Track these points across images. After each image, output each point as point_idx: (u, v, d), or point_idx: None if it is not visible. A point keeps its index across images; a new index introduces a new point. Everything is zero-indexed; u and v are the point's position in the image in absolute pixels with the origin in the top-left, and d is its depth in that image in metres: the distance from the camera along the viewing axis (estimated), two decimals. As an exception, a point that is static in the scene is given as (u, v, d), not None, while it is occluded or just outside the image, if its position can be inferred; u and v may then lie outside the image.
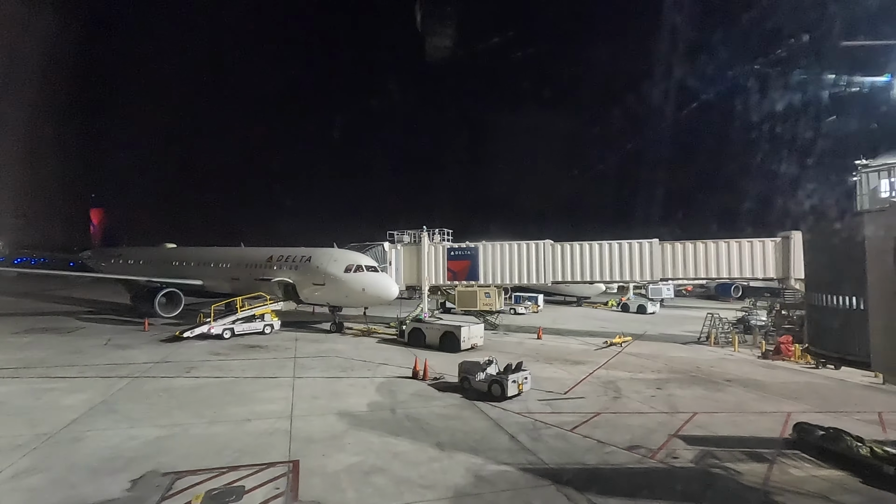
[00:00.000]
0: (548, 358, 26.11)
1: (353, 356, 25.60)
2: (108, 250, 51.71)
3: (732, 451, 13.92)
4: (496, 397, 18.13)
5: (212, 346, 27.19)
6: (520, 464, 12.71)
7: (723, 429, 15.66)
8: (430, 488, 11.30)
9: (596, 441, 14.41)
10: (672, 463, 13.00)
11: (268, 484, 11.21)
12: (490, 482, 11.69)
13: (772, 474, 12.43)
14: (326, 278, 31.88)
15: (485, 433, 14.89)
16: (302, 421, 15.58)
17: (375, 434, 14.54)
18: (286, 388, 19.21)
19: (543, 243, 33.52)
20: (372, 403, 17.59)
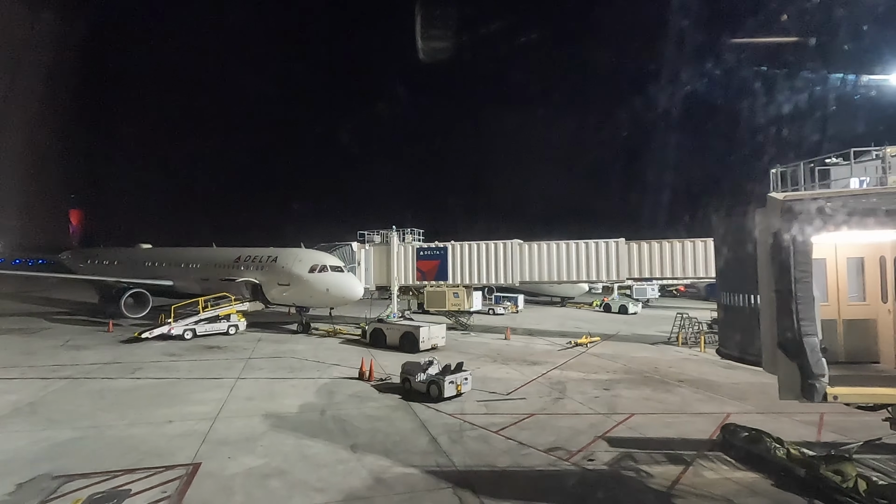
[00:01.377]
0: (506, 358, 25.83)
1: (308, 357, 25.37)
2: (85, 251, 51.64)
3: (654, 452, 13.63)
4: (434, 398, 17.87)
5: (169, 347, 27.00)
6: (427, 466, 12.44)
7: (654, 430, 15.36)
8: (322, 491, 11.04)
9: (517, 443, 14.13)
10: (585, 465, 12.71)
11: (156, 488, 10.97)
12: (388, 485, 11.43)
13: (683, 477, 12.12)
14: (291, 279, 31.71)
15: (406, 435, 14.62)
16: (224, 423, 15.35)
17: (293, 436, 14.30)
18: (225, 390, 18.98)
19: (512, 243, 33.28)
20: (305, 405, 17.35)
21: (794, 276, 8.43)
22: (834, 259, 11.51)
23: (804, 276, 8.45)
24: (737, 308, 10.56)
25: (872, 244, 11.21)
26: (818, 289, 10.99)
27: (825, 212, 8.29)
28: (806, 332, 8.41)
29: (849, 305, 11.55)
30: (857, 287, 11.50)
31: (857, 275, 11.44)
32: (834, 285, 11.52)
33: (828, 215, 8.31)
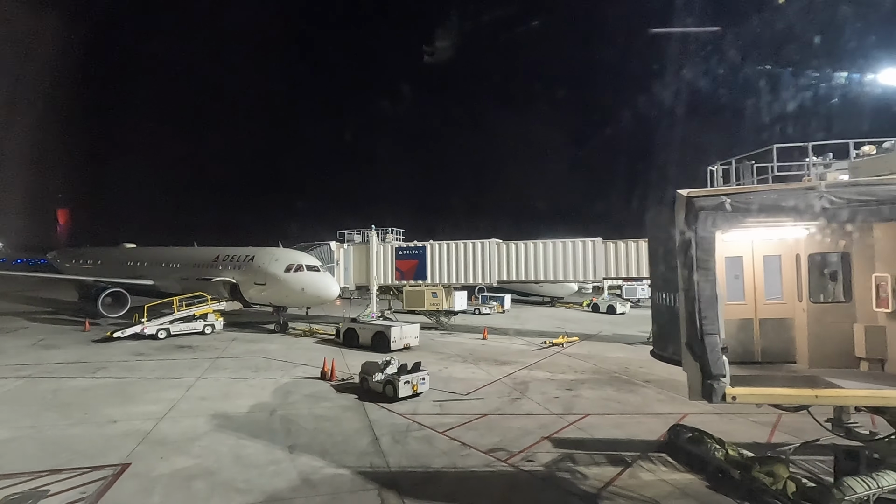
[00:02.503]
0: (477, 358, 25.66)
1: (277, 357, 25.25)
2: (71, 250, 51.75)
3: (597, 454, 13.45)
4: (389, 398, 17.71)
5: (139, 347, 26.94)
6: (360, 467, 12.29)
7: (604, 431, 15.16)
8: (244, 493, 10.91)
9: (460, 444, 13.96)
10: (521, 466, 12.53)
11: (77, 489, 10.86)
12: (314, 486, 11.28)
13: (618, 478, 11.93)
14: (267, 278, 31.62)
15: (349, 436, 14.47)
16: (170, 422, 15.23)
17: (234, 436, 14.17)
18: (181, 389, 18.87)
19: (490, 242, 33.09)
20: (257, 405, 17.22)
21: (697, 274, 8.24)
22: (751, 257, 11.29)
23: (707, 273, 8.25)
24: (663, 308, 10.36)
25: (789, 242, 10.99)
26: (736, 287, 10.83)
27: (726, 208, 8.09)
28: (707, 331, 8.21)
29: (765, 304, 11.32)
30: (774, 286, 11.29)
31: (774, 273, 11.22)
32: (751, 284, 11.30)
33: (729, 212, 8.11)
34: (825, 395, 8.47)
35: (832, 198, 7.80)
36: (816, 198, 7.83)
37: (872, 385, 8.69)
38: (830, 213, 7.90)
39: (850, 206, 7.82)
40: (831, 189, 7.93)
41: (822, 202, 7.80)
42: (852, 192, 7.90)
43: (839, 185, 8.16)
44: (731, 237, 10.81)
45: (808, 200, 7.88)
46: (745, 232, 10.51)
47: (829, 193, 7.83)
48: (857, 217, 8.00)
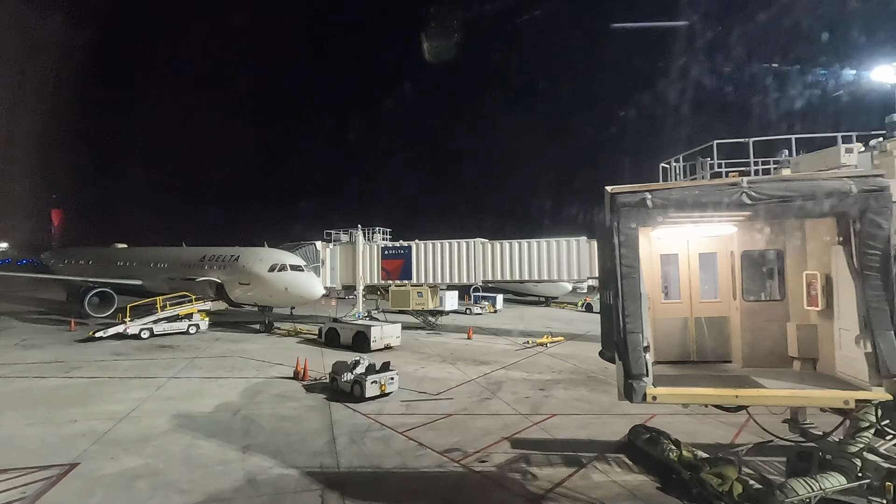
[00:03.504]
0: (457, 358, 25.51)
1: (256, 356, 25.20)
2: (63, 251, 52.01)
3: (554, 454, 13.30)
4: (357, 398, 17.61)
5: (120, 347, 26.96)
6: (310, 468, 12.18)
7: (568, 432, 14.99)
8: (186, 493, 10.83)
9: (417, 444, 13.83)
10: (473, 467, 12.39)
11: (17, 489, 10.80)
12: (257, 486, 11.19)
13: (569, 479, 11.77)
14: (252, 278, 31.61)
15: (307, 436, 14.37)
16: (130, 422, 15.19)
17: (190, 436, 14.10)
18: (151, 389, 18.83)
19: (475, 242, 32.93)
20: (222, 405, 17.15)
21: (620, 272, 8.08)
22: (686, 255, 11.11)
23: (630, 271, 8.10)
24: (606, 307, 10.22)
25: (723, 239, 10.80)
26: (672, 285, 10.65)
27: (647, 204, 7.93)
28: (629, 329, 8.06)
29: (701, 303, 11.13)
30: (710, 284, 11.10)
31: (709, 271, 11.03)
32: (687, 282, 11.12)
33: (650, 208, 7.95)
34: (745, 395, 8.29)
35: (753, 193, 7.63)
36: (737, 193, 7.66)
37: (798, 385, 8.50)
38: (752, 209, 7.73)
39: (772, 202, 7.66)
40: (753, 185, 7.76)
41: (743, 198, 7.63)
42: (773, 187, 7.73)
43: (761, 181, 7.98)
44: (666, 234, 10.65)
45: (729, 196, 7.71)
46: (680, 229, 10.33)
47: (751, 189, 7.66)
48: (779, 213, 7.83)
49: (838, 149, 8.64)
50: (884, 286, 7.62)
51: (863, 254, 7.69)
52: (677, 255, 11.13)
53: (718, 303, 11.02)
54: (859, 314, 7.85)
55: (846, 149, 8.56)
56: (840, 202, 7.58)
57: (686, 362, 11.02)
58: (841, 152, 8.54)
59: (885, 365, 7.59)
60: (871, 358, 7.69)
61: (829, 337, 9.13)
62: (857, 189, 7.52)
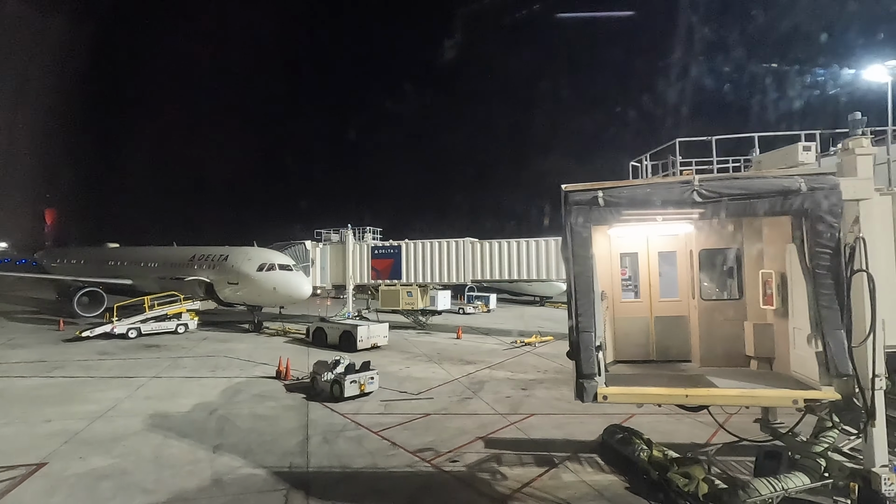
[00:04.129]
0: (444, 358, 25.45)
1: (241, 356, 25.14)
2: (57, 250, 52.01)
3: (527, 454, 13.23)
4: (336, 398, 17.55)
5: (107, 346, 26.90)
6: (278, 467, 12.13)
7: (544, 431, 14.92)
8: (150, 493, 10.78)
9: (390, 444, 13.76)
10: (443, 467, 12.33)
11: (-20, 488, 10.73)
12: (223, 486, 11.14)
13: (538, 480, 11.70)
14: (240, 277, 31.57)
15: (281, 435, 14.30)
16: (105, 422, 15.13)
17: (162, 436, 14.05)
18: (131, 389, 18.78)
19: (464, 241, 32.88)
20: (200, 404, 17.08)
21: (573, 270, 8.02)
22: (646, 254, 11.03)
23: (583, 269, 8.04)
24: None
25: (682, 237, 10.72)
26: (633, 284, 10.58)
27: (598, 202, 7.87)
28: (582, 328, 8.00)
29: (660, 302, 11.06)
30: (670, 283, 11.03)
31: (669, 270, 10.96)
32: (646, 281, 11.04)
33: (602, 206, 7.89)
34: (695, 395, 8.23)
35: (704, 191, 7.56)
36: (688, 192, 7.59)
37: (751, 384, 8.43)
38: (703, 207, 7.66)
39: (722, 200, 7.58)
40: (704, 183, 7.69)
41: (693, 196, 7.56)
42: (724, 186, 7.67)
43: (712, 179, 7.91)
44: (625, 233, 10.59)
45: (680, 194, 7.64)
46: (640, 228, 10.26)
47: (701, 187, 7.59)
48: (730, 211, 7.76)
49: (796, 147, 8.56)
50: (834, 285, 7.55)
51: (814, 252, 7.62)
52: (637, 254, 11.06)
53: (678, 302, 10.94)
54: (810, 313, 7.78)
55: (804, 147, 8.48)
56: (790, 200, 7.50)
57: (646, 362, 10.95)
58: (799, 150, 8.47)
59: (834, 364, 7.52)
60: (822, 357, 7.62)
61: (784, 336, 9.06)
62: (808, 187, 7.44)
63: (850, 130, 8.89)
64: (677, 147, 9.80)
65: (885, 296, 8.79)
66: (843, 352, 7.54)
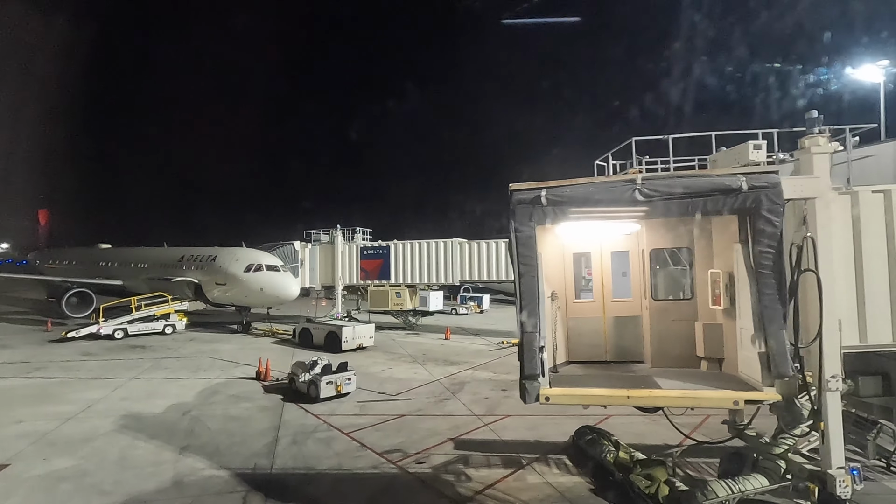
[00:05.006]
0: (428, 359, 25.35)
1: (225, 357, 25.08)
2: (49, 251, 52.09)
3: (496, 455, 13.13)
4: (312, 398, 17.47)
5: (91, 347, 26.87)
6: (242, 469, 12.05)
7: (517, 433, 14.80)
8: (108, 494, 10.71)
9: (359, 445, 13.68)
10: (408, 468, 12.23)
11: (-63, 489, 10.67)
12: (182, 488, 11.07)
13: (503, 481, 11.60)
14: (228, 278, 31.53)
15: (251, 436, 14.23)
16: (75, 423, 15.08)
17: (131, 437, 13.99)
18: (108, 390, 18.72)
19: (452, 242, 32.81)
20: (175, 405, 17.01)
21: (518, 270, 7.93)
22: (599, 253, 10.92)
23: (528, 269, 7.95)
24: None
25: (635, 237, 10.61)
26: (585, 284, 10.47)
27: (542, 202, 7.77)
28: (526, 329, 7.91)
29: (613, 302, 10.94)
30: (623, 283, 10.91)
31: (622, 270, 10.85)
32: (599, 281, 10.93)
33: (545, 205, 7.79)
34: (636, 396, 8.12)
35: (646, 190, 7.46)
36: (630, 191, 7.49)
37: (696, 385, 8.32)
38: (646, 206, 7.56)
39: (664, 199, 7.48)
40: (646, 182, 7.58)
41: (635, 195, 7.46)
42: (665, 184, 7.56)
43: (654, 178, 7.80)
44: (579, 233, 10.49)
45: (622, 193, 7.54)
46: (592, 227, 10.15)
47: (644, 186, 7.48)
48: (673, 210, 7.66)
49: (747, 145, 8.45)
50: (777, 285, 7.44)
51: (757, 252, 7.51)
52: (590, 254, 10.95)
53: (631, 302, 10.83)
54: (754, 313, 7.67)
55: (754, 145, 8.37)
56: (732, 199, 7.39)
57: (600, 363, 10.84)
58: (749, 149, 8.36)
59: (775, 365, 7.41)
60: (764, 358, 7.51)
61: (733, 337, 8.95)
62: (748, 186, 7.33)
63: (807, 129, 8.78)
64: (633, 146, 9.69)
65: (842, 296, 8.69)
66: (784, 353, 7.43)
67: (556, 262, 10.65)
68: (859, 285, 8.89)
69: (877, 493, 11.13)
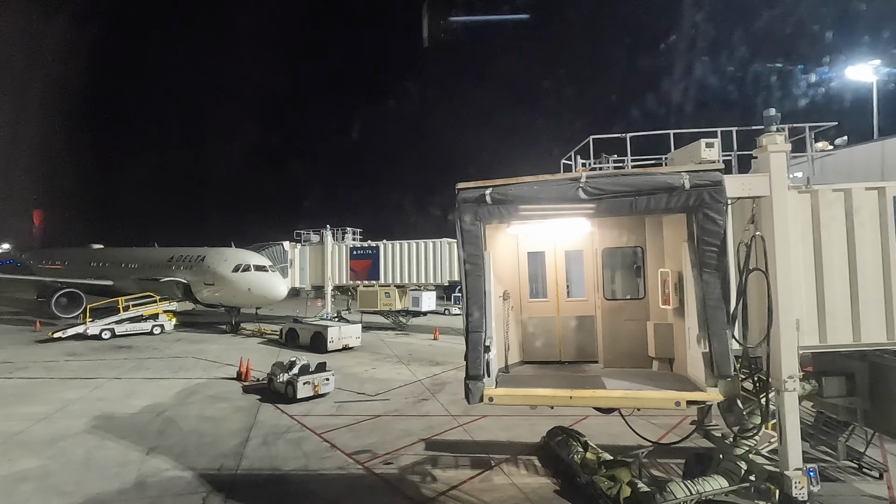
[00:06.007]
0: (413, 359, 25.27)
1: (210, 357, 25.02)
2: (42, 251, 52.17)
3: (465, 456, 13.05)
4: (289, 399, 17.40)
5: (77, 348, 26.84)
6: (207, 469, 11.97)
7: (491, 433, 14.70)
8: (67, 495, 10.65)
9: (329, 445, 13.60)
10: (375, 469, 12.15)
11: None
12: (144, 489, 11.00)
13: (468, 482, 11.51)
14: (216, 278, 31.49)
15: (222, 437, 14.15)
16: (47, 423, 15.02)
17: (100, 437, 13.93)
18: (87, 390, 18.68)
19: (441, 242, 32.73)
20: (152, 406, 16.95)
21: (464, 269, 7.84)
22: (553, 252, 10.81)
23: (474, 269, 7.86)
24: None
25: (588, 236, 10.49)
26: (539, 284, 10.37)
27: (486, 200, 7.68)
28: (472, 328, 7.83)
29: (567, 301, 10.83)
30: (577, 282, 10.80)
31: (576, 269, 10.74)
32: (554, 280, 10.82)
33: (490, 204, 7.70)
34: (579, 397, 8.02)
35: (589, 188, 7.37)
36: (574, 189, 7.39)
37: (642, 386, 8.21)
38: (591, 204, 7.46)
39: (607, 197, 7.38)
40: (590, 180, 7.49)
41: (579, 193, 7.37)
42: (608, 182, 7.46)
43: (599, 176, 7.70)
44: (533, 232, 10.39)
45: (567, 191, 7.45)
46: (546, 226, 10.04)
47: (587, 184, 7.39)
48: (617, 208, 7.56)
49: (699, 144, 8.35)
50: (721, 284, 7.34)
51: (701, 250, 7.41)
52: (544, 253, 10.84)
53: (585, 301, 10.72)
54: (698, 312, 7.57)
55: (706, 143, 8.25)
56: (675, 197, 7.29)
57: (555, 363, 10.74)
58: (702, 147, 8.25)
59: (717, 365, 7.31)
60: (707, 358, 7.41)
61: (682, 336, 8.84)
62: (691, 184, 7.23)
63: (765, 127, 8.68)
64: (591, 144, 9.59)
65: (801, 296, 8.59)
66: (727, 353, 7.33)
67: (510, 261, 10.56)
68: (819, 285, 8.78)
69: (846, 495, 11.07)
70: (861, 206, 8.77)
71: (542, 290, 10.84)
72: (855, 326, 8.77)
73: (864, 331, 8.73)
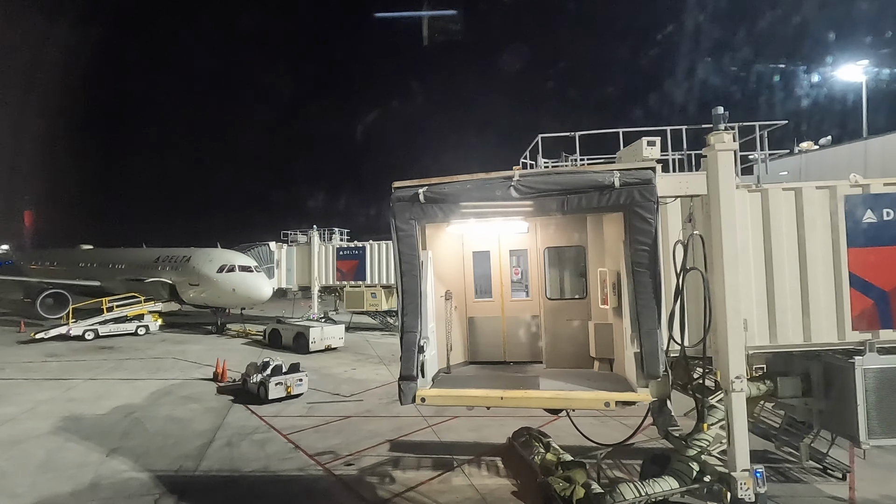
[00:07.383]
0: (396, 359, 24.83)
1: (191, 358, 24.94)
2: (32, 252, 52.20)
3: (429, 457, 12.93)
4: (262, 399, 17.30)
5: (59, 348, 26.78)
6: (166, 471, 11.88)
7: (459, 434, 14.58)
8: (17, 497, 10.57)
9: (293, 447, 13.51)
10: (335, 470, 12.05)
11: None
12: (97, 490, 10.92)
13: (426, 484, 11.40)
14: (201, 278, 31.42)
15: (186, 438, 14.06)
16: (12, 424, 14.97)
17: (64, 439, 13.85)
18: (59, 391, 18.60)
19: (427, 241, 32.59)
20: (122, 407, 16.87)
21: (400, 269, 7.74)
22: (498, 252, 10.71)
23: (409, 268, 7.76)
24: None
25: (532, 235, 10.40)
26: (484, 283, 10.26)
27: (420, 199, 7.58)
28: (406, 328, 7.73)
29: (512, 302, 10.72)
30: (521, 282, 10.70)
31: (521, 268, 10.64)
32: (498, 280, 10.71)
33: (423, 203, 7.61)
34: (510, 398, 7.92)
35: (521, 187, 7.27)
36: (506, 187, 7.30)
37: (577, 386, 8.11)
38: (523, 204, 7.37)
39: (539, 196, 7.28)
40: (523, 178, 7.39)
41: (511, 192, 7.27)
42: (539, 181, 7.36)
43: (531, 175, 7.60)
44: (478, 231, 10.30)
45: (499, 190, 7.35)
46: (491, 225, 9.94)
47: (519, 183, 7.29)
48: (549, 207, 7.46)
49: (641, 142, 8.24)
50: (652, 284, 7.23)
51: (633, 250, 7.30)
52: (489, 252, 10.74)
53: (530, 301, 10.61)
54: (629, 312, 7.47)
55: (648, 141, 8.14)
56: (605, 195, 7.18)
57: (500, 363, 10.64)
58: (643, 145, 8.14)
59: (647, 365, 7.21)
60: (638, 358, 7.31)
61: (621, 336, 8.74)
62: (621, 182, 7.12)
63: (714, 125, 8.57)
64: (539, 143, 9.50)
65: (750, 296, 8.48)
66: (656, 353, 7.22)
67: (455, 260, 10.46)
68: (770, 285, 8.67)
69: (806, 496, 10.97)
70: (812, 205, 8.67)
71: (487, 290, 10.74)
72: (805, 327, 8.66)
73: (815, 331, 8.63)
